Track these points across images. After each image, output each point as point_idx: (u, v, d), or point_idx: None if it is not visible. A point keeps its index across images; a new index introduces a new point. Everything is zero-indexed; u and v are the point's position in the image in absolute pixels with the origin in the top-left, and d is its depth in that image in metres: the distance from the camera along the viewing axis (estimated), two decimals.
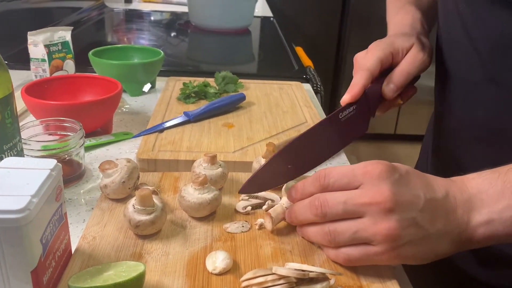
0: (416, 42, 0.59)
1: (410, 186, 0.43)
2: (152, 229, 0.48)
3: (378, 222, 0.42)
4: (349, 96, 0.55)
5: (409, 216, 0.42)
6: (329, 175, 0.45)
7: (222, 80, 0.94)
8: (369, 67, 0.56)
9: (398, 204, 0.42)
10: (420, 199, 0.43)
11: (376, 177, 0.43)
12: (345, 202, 0.43)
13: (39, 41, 0.92)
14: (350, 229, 0.43)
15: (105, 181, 0.55)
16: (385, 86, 0.57)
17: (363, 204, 0.43)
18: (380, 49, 0.57)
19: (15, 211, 0.35)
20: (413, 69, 0.57)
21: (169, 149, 0.68)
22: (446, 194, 0.44)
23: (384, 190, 0.42)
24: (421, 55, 0.58)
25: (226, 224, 0.52)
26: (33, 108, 0.70)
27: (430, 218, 0.43)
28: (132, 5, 2.05)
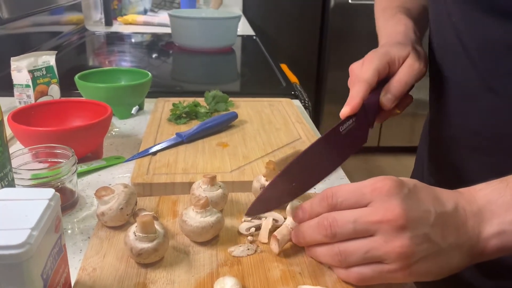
0: (412, 51, 0.59)
1: (420, 201, 0.42)
2: (155, 256, 0.46)
3: (390, 240, 0.41)
4: (349, 108, 0.54)
5: (421, 232, 0.41)
6: (336, 194, 0.44)
7: (212, 99, 0.93)
8: (366, 79, 0.55)
9: (409, 221, 0.41)
10: (430, 214, 0.42)
11: (385, 194, 0.42)
12: (355, 221, 0.42)
13: (22, 66, 0.89)
14: (362, 249, 0.42)
15: (101, 208, 0.53)
16: (383, 96, 0.57)
17: (374, 222, 0.41)
18: (376, 59, 0.57)
19: (14, 246, 0.33)
20: (410, 78, 0.57)
21: (164, 172, 0.66)
22: (456, 207, 0.43)
23: (395, 207, 0.41)
24: (417, 64, 0.58)
25: (231, 248, 0.50)
26: (21, 136, 0.67)
27: (441, 232, 0.42)
28: (113, 28, 2.04)
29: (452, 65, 0.61)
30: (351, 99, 0.55)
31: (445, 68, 0.63)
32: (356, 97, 0.54)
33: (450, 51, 0.61)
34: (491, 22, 0.52)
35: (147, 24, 2.10)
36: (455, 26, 0.58)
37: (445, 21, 0.60)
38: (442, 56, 0.64)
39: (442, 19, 0.61)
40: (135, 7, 2.26)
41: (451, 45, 0.59)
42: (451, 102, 0.63)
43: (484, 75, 0.55)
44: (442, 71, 0.64)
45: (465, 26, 0.56)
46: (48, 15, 1.54)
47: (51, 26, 1.61)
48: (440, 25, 0.63)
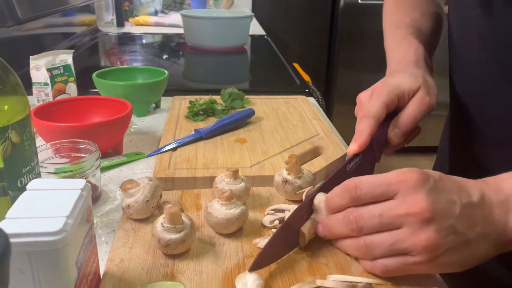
0: (423, 84, 0.57)
1: (445, 193, 0.42)
2: (182, 247, 0.47)
3: (416, 233, 0.41)
4: (356, 146, 0.53)
5: (447, 225, 0.41)
6: (360, 185, 0.44)
7: (229, 96, 0.93)
8: (374, 114, 0.54)
9: (435, 214, 0.41)
10: (456, 205, 0.42)
11: (411, 186, 0.42)
12: (381, 215, 0.42)
13: (41, 65, 0.90)
14: (387, 241, 0.42)
15: (127, 201, 0.53)
16: (390, 131, 0.56)
17: (400, 215, 0.41)
18: (385, 92, 0.56)
19: (51, 233, 0.34)
20: (419, 113, 0.56)
21: (185, 167, 0.66)
22: (482, 196, 0.43)
23: (421, 199, 0.41)
24: (428, 99, 0.56)
25: (256, 240, 0.50)
26: (44, 131, 0.68)
27: (468, 223, 0.41)
28: (125, 29, 2.05)
29: (472, 59, 0.61)
30: (359, 135, 0.54)
31: (466, 63, 0.63)
32: (364, 133, 0.54)
33: (471, 45, 0.60)
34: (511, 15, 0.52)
35: (158, 25, 2.12)
36: (476, 19, 0.58)
37: (466, 15, 0.60)
38: (462, 51, 0.64)
39: (463, 13, 0.61)
40: (146, 9, 2.28)
41: (472, 39, 0.59)
42: (472, 96, 0.63)
43: (506, 68, 0.55)
44: (462, 66, 0.64)
45: (486, 18, 0.56)
46: (62, 17, 1.55)
47: (64, 28, 1.63)
48: (460, 19, 0.62)
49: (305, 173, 0.59)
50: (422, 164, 2.97)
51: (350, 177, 0.51)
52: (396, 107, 0.57)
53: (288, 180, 0.58)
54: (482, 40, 0.57)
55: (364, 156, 0.54)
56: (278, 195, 0.61)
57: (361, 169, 0.54)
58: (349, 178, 0.50)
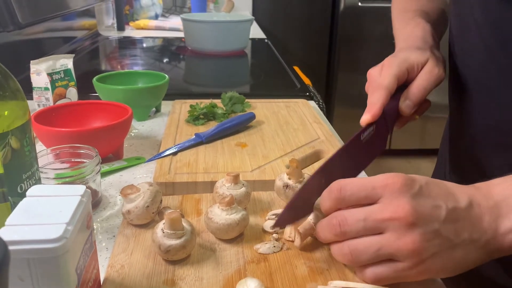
0: (430, 56, 0.58)
1: (431, 197, 0.42)
2: (183, 253, 0.47)
3: (401, 237, 0.40)
4: (369, 116, 0.54)
5: (432, 229, 0.40)
6: (345, 187, 0.43)
7: (229, 100, 0.93)
8: (386, 85, 0.55)
9: (419, 218, 0.40)
10: (441, 209, 0.41)
11: (396, 190, 0.41)
12: (365, 219, 0.42)
13: (42, 69, 0.90)
14: (373, 246, 0.41)
15: (127, 206, 0.53)
16: (402, 102, 0.56)
17: (384, 219, 0.41)
18: (395, 65, 0.56)
19: (51, 240, 0.34)
20: (429, 84, 0.57)
21: (185, 171, 0.66)
22: (470, 202, 0.42)
23: (405, 203, 0.41)
24: (436, 70, 0.57)
25: (257, 245, 0.50)
26: (44, 136, 0.68)
27: (454, 228, 0.41)
28: (125, 33, 2.05)
29: (472, 62, 0.61)
30: (371, 106, 0.54)
31: (465, 66, 0.63)
32: (376, 104, 0.54)
33: (471, 48, 0.60)
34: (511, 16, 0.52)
35: (158, 28, 2.12)
36: (477, 22, 0.58)
37: (466, 18, 0.60)
38: (462, 54, 0.64)
39: (463, 16, 0.61)
40: (146, 12, 2.28)
41: (472, 42, 0.59)
42: (472, 99, 0.63)
43: (506, 71, 0.55)
44: (462, 69, 0.64)
45: (487, 22, 0.56)
46: (62, 21, 1.56)
47: (65, 32, 1.63)
48: (461, 22, 0.62)
49: (306, 178, 0.59)
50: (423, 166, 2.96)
51: (364, 146, 0.52)
52: (406, 80, 0.57)
53: (289, 184, 0.58)
54: (482, 41, 0.57)
55: (377, 127, 0.54)
56: (279, 199, 0.60)
57: (375, 140, 0.54)
58: (363, 146, 0.52)
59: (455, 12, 0.64)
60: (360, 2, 2.79)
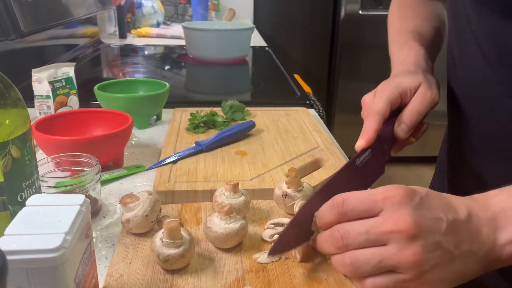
0: (423, 80, 0.58)
1: (432, 209, 0.42)
2: (182, 262, 0.47)
3: (403, 249, 0.40)
4: (363, 141, 0.54)
5: (433, 241, 0.41)
6: (347, 201, 0.44)
7: (230, 108, 0.94)
8: (379, 110, 0.56)
9: (421, 230, 0.41)
10: (442, 222, 0.41)
11: (397, 203, 0.42)
12: (367, 232, 0.42)
13: (43, 77, 0.91)
14: (374, 258, 0.41)
15: (127, 215, 0.53)
16: (397, 127, 0.57)
17: (386, 232, 0.41)
18: (388, 91, 0.57)
19: (50, 250, 0.34)
20: (423, 108, 0.57)
21: (185, 180, 0.67)
22: (469, 214, 0.43)
23: (406, 216, 0.41)
24: (429, 93, 0.57)
25: (256, 255, 0.50)
26: (45, 145, 0.68)
27: (454, 240, 0.41)
28: (127, 40, 2.07)
29: (471, 72, 0.61)
30: (365, 131, 0.55)
31: (464, 76, 0.63)
32: (370, 129, 0.55)
33: (470, 58, 0.61)
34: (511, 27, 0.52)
35: (160, 36, 2.13)
36: (474, 33, 0.58)
37: (464, 28, 0.60)
38: (460, 64, 0.64)
39: (461, 27, 0.62)
40: (148, 20, 2.29)
41: (471, 52, 0.60)
42: (470, 108, 0.63)
43: (505, 81, 0.55)
44: (461, 79, 0.64)
45: (484, 32, 0.56)
46: (64, 28, 1.57)
47: (67, 39, 1.64)
48: (459, 33, 0.63)
49: (305, 187, 0.59)
50: (425, 174, 2.96)
51: (360, 171, 0.53)
52: (400, 105, 0.58)
53: (288, 193, 0.58)
54: (480, 52, 0.58)
55: (373, 152, 0.55)
56: (278, 208, 0.61)
57: (372, 165, 0.55)
58: (359, 171, 0.52)
59: (453, 23, 0.65)
60: (361, 10, 2.81)
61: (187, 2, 2.63)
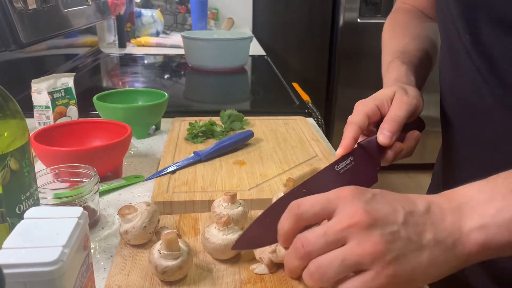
0: (397, 89, 0.60)
1: (386, 202, 0.43)
2: (179, 274, 0.47)
3: (361, 242, 0.40)
4: (341, 148, 0.56)
5: (391, 230, 0.41)
6: (302, 203, 0.44)
7: (228, 118, 0.94)
8: (356, 121, 0.57)
9: (376, 219, 0.41)
10: (398, 212, 0.42)
11: (349, 199, 0.42)
12: (325, 233, 0.42)
13: (42, 88, 0.91)
14: (336, 259, 0.41)
15: (125, 226, 0.53)
16: (378, 134, 0.58)
17: (342, 229, 0.41)
18: (364, 105, 0.59)
19: (48, 263, 0.34)
20: (401, 112, 0.58)
21: (183, 190, 0.67)
22: (428, 206, 0.43)
23: (358, 208, 0.41)
24: (405, 98, 0.58)
25: (253, 265, 0.51)
26: (43, 156, 0.69)
27: (415, 229, 0.41)
28: (127, 50, 2.07)
29: (463, 84, 0.62)
30: (342, 140, 0.57)
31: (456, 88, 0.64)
32: (346, 138, 0.56)
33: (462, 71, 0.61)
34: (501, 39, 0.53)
35: (159, 45, 2.14)
36: (465, 44, 0.59)
37: (455, 40, 0.61)
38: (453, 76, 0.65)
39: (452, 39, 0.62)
40: (147, 29, 2.31)
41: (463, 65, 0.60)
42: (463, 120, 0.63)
43: (498, 93, 0.56)
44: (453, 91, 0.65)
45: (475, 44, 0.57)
46: (64, 38, 1.57)
47: (67, 49, 1.65)
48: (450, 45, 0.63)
49: None
50: (424, 181, 2.96)
51: (343, 176, 0.54)
52: (380, 117, 0.59)
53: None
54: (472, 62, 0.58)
55: (356, 160, 0.56)
56: None
57: (359, 173, 0.56)
58: (342, 177, 0.54)
59: (444, 36, 0.65)
60: (359, 18, 2.82)
61: (186, 12, 2.64)
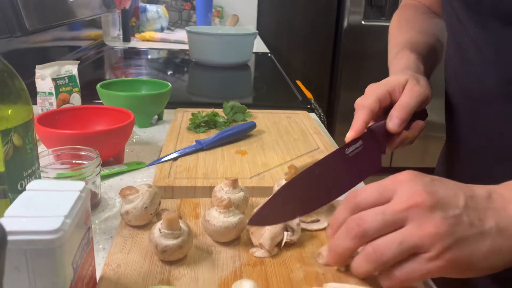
0: (410, 77, 0.60)
1: (446, 186, 0.42)
2: (179, 253, 0.47)
3: (422, 223, 0.39)
4: (353, 131, 0.56)
5: (453, 213, 0.40)
6: (359, 192, 0.44)
7: (231, 109, 0.94)
8: (367, 105, 0.57)
9: (438, 201, 0.40)
10: (459, 196, 0.41)
11: (409, 180, 0.42)
12: (383, 213, 0.41)
13: (46, 74, 0.91)
14: (395, 240, 0.40)
15: (126, 207, 0.53)
16: (388, 121, 0.57)
17: (402, 210, 0.40)
18: (376, 89, 0.59)
19: (49, 231, 0.34)
20: (412, 100, 0.57)
21: (185, 176, 0.67)
22: (489, 193, 0.42)
23: (421, 190, 0.40)
24: (417, 87, 0.58)
25: (253, 249, 0.50)
26: (46, 138, 0.69)
27: (477, 215, 0.40)
28: (131, 44, 2.08)
29: (470, 76, 0.62)
30: (354, 123, 0.57)
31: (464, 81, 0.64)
32: (357, 121, 0.56)
33: (469, 63, 0.61)
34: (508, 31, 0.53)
35: (164, 41, 2.14)
36: (473, 38, 0.59)
37: (462, 35, 0.61)
38: (458, 69, 0.65)
39: (459, 34, 0.62)
40: (152, 25, 2.31)
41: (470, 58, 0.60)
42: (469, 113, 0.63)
43: (505, 84, 0.56)
44: (458, 83, 0.64)
45: (483, 38, 0.57)
46: (68, 31, 1.58)
47: (71, 41, 1.65)
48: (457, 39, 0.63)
49: None
50: None
51: (352, 160, 0.54)
52: (390, 103, 0.59)
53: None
54: (481, 56, 0.58)
55: (365, 144, 0.56)
56: None
57: (366, 157, 0.56)
58: (351, 161, 0.54)
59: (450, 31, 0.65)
60: (364, 20, 2.82)
61: (191, 9, 2.65)
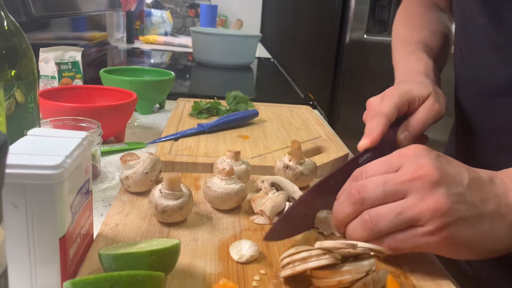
0: (433, 91, 0.57)
1: (451, 165, 0.41)
2: (179, 215, 0.46)
3: (424, 197, 0.38)
4: (368, 141, 0.52)
5: (456, 191, 0.39)
6: (365, 168, 0.43)
7: (233, 99, 0.94)
8: (387, 113, 0.54)
9: (443, 177, 0.39)
10: (464, 175, 0.40)
11: (415, 155, 0.41)
12: (385, 183, 0.40)
13: (50, 58, 0.91)
14: (393, 211, 0.39)
15: (126, 172, 0.52)
16: (400, 133, 0.56)
17: (405, 181, 0.39)
18: (397, 95, 0.55)
19: (50, 166, 0.33)
20: (429, 118, 0.56)
21: (186, 154, 0.66)
22: (492, 178, 0.41)
23: (427, 163, 0.39)
24: (437, 106, 0.56)
25: (253, 216, 0.50)
26: (49, 111, 0.68)
27: (480, 196, 0.39)
28: (134, 45, 2.08)
29: (479, 64, 0.61)
30: (371, 132, 0.53)
31: (472, 68, 0.63)
32: (375, 130, 0.52)
33: (478, 51, 0.61)
34: None
35: (167, 44, 2.15)
36: (483, 26, 0.58)
37: (472, 24, 0.61)
38: (469, 57, 0.64)
39: (469, 23, 0.62)
40: (156, 29, 2.33)
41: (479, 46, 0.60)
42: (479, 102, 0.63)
43: None
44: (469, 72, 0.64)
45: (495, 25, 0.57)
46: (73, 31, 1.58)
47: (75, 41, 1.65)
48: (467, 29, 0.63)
49: (307, 161, 0.59)
50: None
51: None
52: (406, 112, 0.57)
53: (289, 165, 0.57)
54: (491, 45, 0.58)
55: (374, 154, 0.52)
56: None
57: None
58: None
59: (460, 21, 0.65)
60: (366, 35, 2.84)
61: (196, 16, 2.67)
